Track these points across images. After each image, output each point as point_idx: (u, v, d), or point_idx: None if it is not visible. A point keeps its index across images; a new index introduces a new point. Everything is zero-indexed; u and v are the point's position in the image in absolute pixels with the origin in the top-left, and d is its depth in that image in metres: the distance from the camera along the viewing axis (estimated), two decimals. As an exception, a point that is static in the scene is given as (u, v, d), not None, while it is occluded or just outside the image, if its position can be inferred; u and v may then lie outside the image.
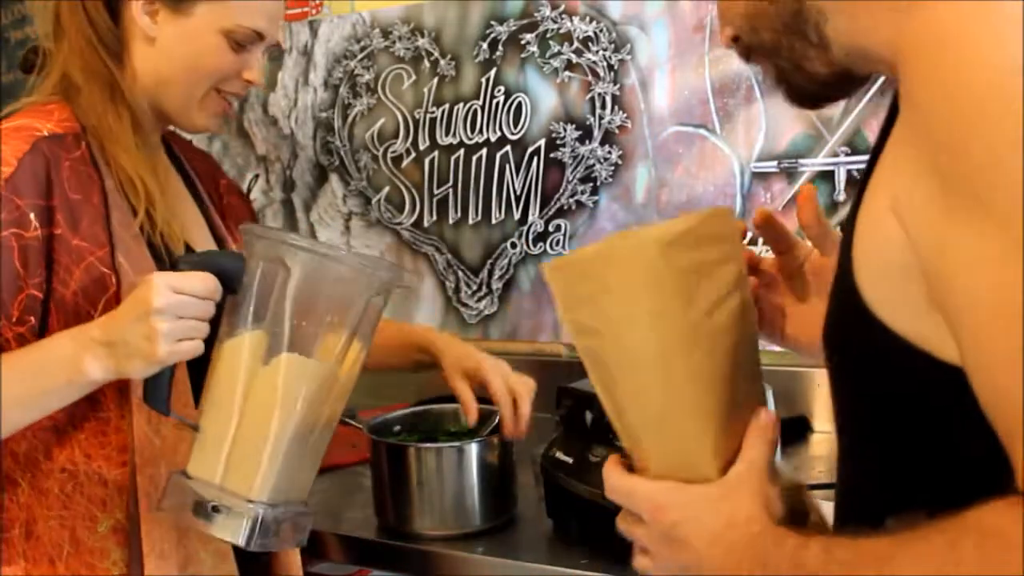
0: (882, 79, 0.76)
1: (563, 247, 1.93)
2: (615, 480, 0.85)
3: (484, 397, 1.61)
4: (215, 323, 1.07)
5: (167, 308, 1.00)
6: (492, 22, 1.95)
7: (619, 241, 0.76)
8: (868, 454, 0.74)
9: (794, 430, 1.67)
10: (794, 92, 0.81)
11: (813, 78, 0.78)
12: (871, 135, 1.66)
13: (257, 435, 1.05)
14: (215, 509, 1.04)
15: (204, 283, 1.03)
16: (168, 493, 1.08)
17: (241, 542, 1.03)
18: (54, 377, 1.05)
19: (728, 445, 0.77)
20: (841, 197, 1.69)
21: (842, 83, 0.78)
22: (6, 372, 1.04)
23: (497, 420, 1.46)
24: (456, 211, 2.03)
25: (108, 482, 1.13)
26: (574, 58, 1.88)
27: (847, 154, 1.68)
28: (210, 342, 1.07)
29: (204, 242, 1.30)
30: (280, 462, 1.06)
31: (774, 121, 1.72)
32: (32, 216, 1.09)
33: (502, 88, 1.95)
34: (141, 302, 1.01)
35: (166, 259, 1.17)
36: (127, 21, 1.19)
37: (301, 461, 1.09)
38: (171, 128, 1.33)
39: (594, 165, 1.89)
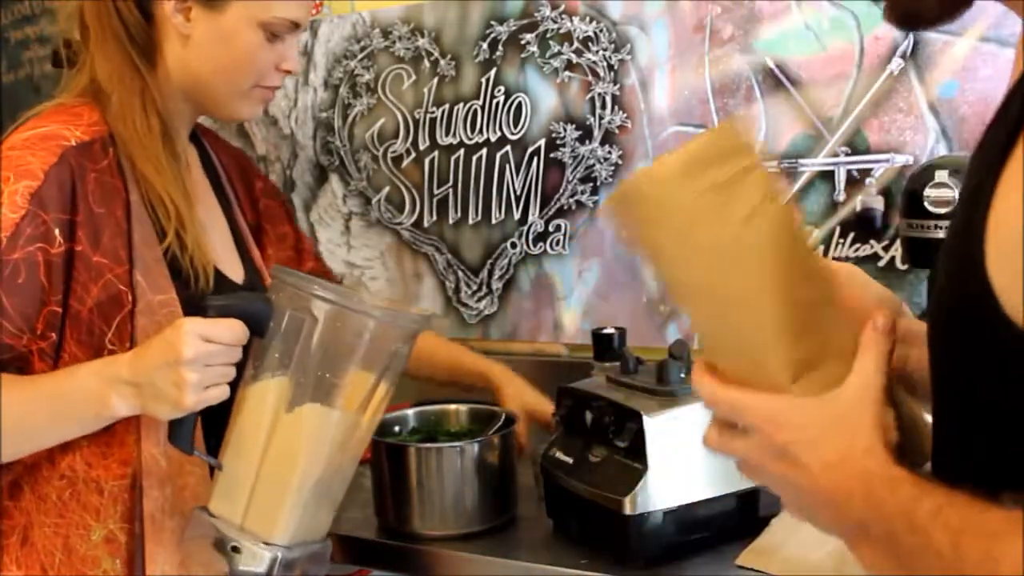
0: (886, 74, 0.75)
1: (563, 247, 1.93)
2: (716, 390, 0.79)
3: (484, 399, 1.61)
4: (241, 364, 1.08)
5: (197, 358, 1.01)
6: (492, 22, 1.95)
7: (642, 178, 0.74)
8: (975, 447, 0.71)
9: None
10: (901, 9, 0.78)
11: None
12: (871, 135, 1.66)
13: (279, 481, 1.07)
14: (235, 549, 1.06)
15: (233, 331, 1.04)
16: (191, 526, 1.10)
17: None
18: (80, 411, 1.06)
19: (807, 352, 0.74)
20: (841, 197, 1.69)
21: (957, 3, 0.76)
22: (31, 399, 1.05)
23: (501, 421, 1.46)
24: (456, 211, 2.03)
25: (104, 491, 1.13)
26: (574, 58, 1.88)
27: (847, 154, 1.68)
28: (235, 381, 1.08)
29: (229, 256, 1.28)
30: (301, 508, 1.09)
31: (774, 121, 1.72)
32: (57, 232, 1.08)
33: (502, 88, 1.95)
34: (171, 349, 1.02)
35: (192, 284, 1.16)
36: (159, 20, 1.17)
37: (321, 503, 1.12)
38: (200, 121, 1.33)
39: (594, 165, 1.89)
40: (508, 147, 1.96)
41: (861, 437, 0.72)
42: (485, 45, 1.96)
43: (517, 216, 1.97)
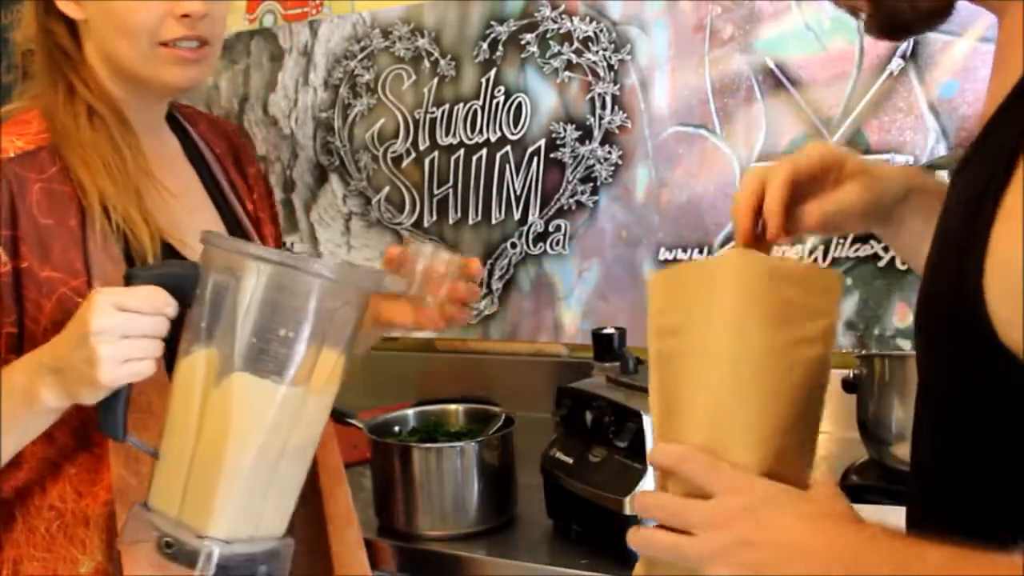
0: (886, 74, 0.75)
1: (563, 247, 1.93)
2: (688, 451, 0.75)
3: (485, 398, 1.61)
4: (176, 340, 0.99)
5: (107, 329, 0.92)
6: (492, 22, 1.95)
7: (735, 252, 0.80)
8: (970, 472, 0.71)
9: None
10: (885, 20, 0.78)
11: (916, 7, 0.75)
12: (871, 135, 1.66)
13: (211, 465, 0.96)
14: (168, 545, 0.95)
15: (150, 299, 0.95)
16: (130, 527, 0.99)
17: None
18: (14, 407, 0.99)
19: (774, 472, 0.75)
20: (841, 197, 1.68)
21: (943, 14, 0.76)
22: None
23: (501, 421, 1.46)
24: (456, 211, 2.03)
25: (90, 522, 1.08)
26: (574, 58, 1.88)
27: (847, 154, 1.67)
28: (172, 359, 1.00)
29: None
30: (237, 494, 0.96)
31: (774, 121, 1.72)
32: (0, 250, 1.04)
33: (502, 88, 1.95)
34: (81, 323, 0.94)
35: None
36: (74, 17, 1.15)
37: (267, 493, 0.98)
38: (188, 107, 1.29)
39: (594, 165, 1.89)
40: (508, 147, 1.96)
41: (838, 504, 0.71)
42: (485, 45, 1.96)
43: (517, 216, 1.97)
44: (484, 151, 1.99)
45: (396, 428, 1.50)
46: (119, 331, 0.93)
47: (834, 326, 0.79)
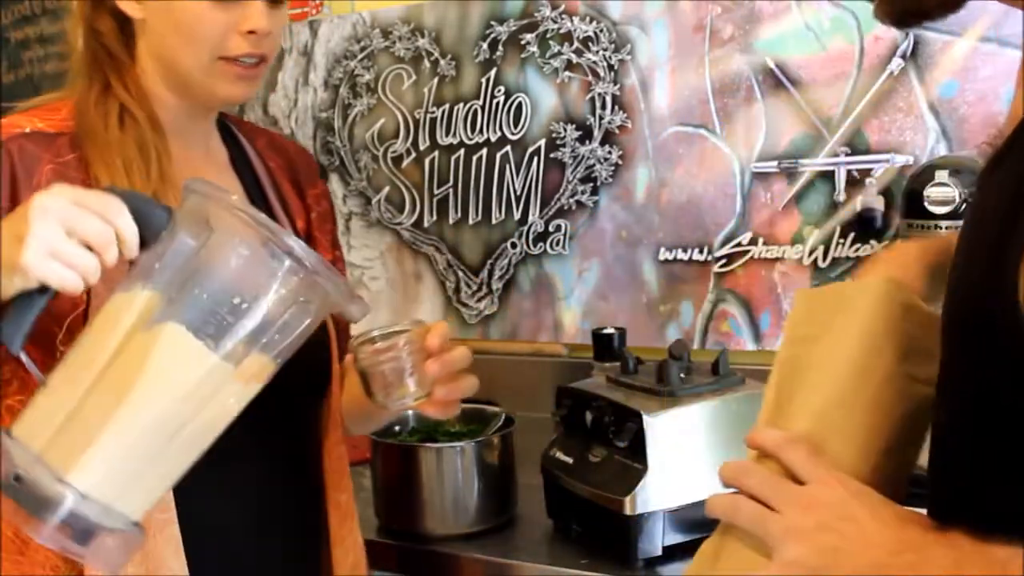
0: (886, 74, 0.74)
1: (563, 247, 1.93)
2: (788, 436, 0.78)
3: (485, 398, 1.61)
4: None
5: (53, 215, 0.83)
6: (492, 22, 1.95)
7: (878, 279, 0.84)
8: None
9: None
10: (896, 6, 0.77)
11: None
12: (871, 135, 1.66)
13: (104, 409, 0.84)
14: (17, 478, 0.82)
15: (108, 205, 0.85)
16: None
17: (33, 529, 0.83)
18: None
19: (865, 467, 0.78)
20: (841, 197, 1.69)
21: (955, 2, 0.75)
22: None
23: (501, 421, 1.46)
24: (456, 211, 2.03)
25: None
26: (574, 58, 1.88)
27: (847, 154, 1.67)
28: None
29: None
30: (117, 451, 0.84)
31: (774, 121, 1.72)
32: None
33: (502, 88, 1.95)
34: (29, 204, 0.84)
35: None
36: (130, 15, 1.10)
37: (146, 464, 0.86)
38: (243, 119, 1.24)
39: (594, 165, 1.89)
40: (508, 147, 1.96)
41: (923, 517, 0.73)
42: (485, 45, 1.96)
43: (517, 216, 1.97)
44: (484, 151, 1.99)
45: (396, 428, 1.50)
46: (64, 223, 0.84)
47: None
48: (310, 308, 0.91)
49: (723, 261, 1.79)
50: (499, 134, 1.97)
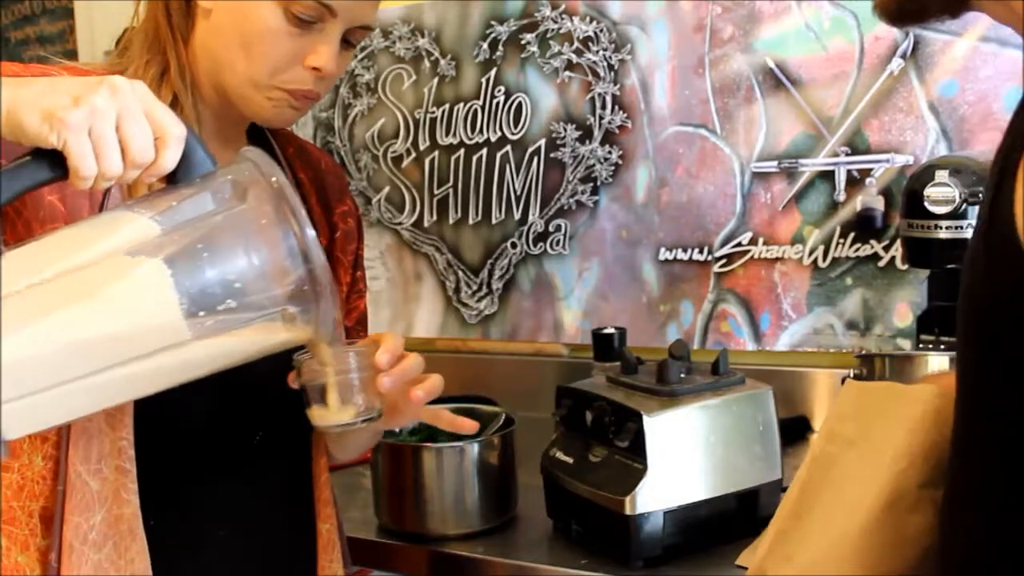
0: (886, 74, 0.74)
1: (563, 247, 1.93)
2: None
3: (485, 398, 1.61)
4: None
5: (121, 100, 0.79)
6: (492, 22, 1.95)
7: (932, 389, 0.80)
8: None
9: (794, 430, 1.67)
10: (896, 3, 0.75)
11: None
12: (871, 135, 1.66)
13: (46, 302, 0.78)
14: None
15: (171, 130, 0.81)
16: None
17: None
18: None
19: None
20: (841, 197, 1.69)
21: (957, 3, 0.73)
22: None
23: (501, 421, 1.46)
24: (456, 211, 2.03)
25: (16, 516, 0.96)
26: (574, 58, 1.88)
27: (847, 154, 1.68)
28: None
29: None
30: (38, 350, 0.77)
31: (774, 121, 1.72)
32: None
33: (502, 88, 1.95)
34: (101, 76, 0.80)
35: None
36: None
37: (58, 384, 0.79)
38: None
39: (594, 165, 1.89)
40: (508, 147, 1.96)
41: None
42: (485, 45, 1.96)
43: (517, 216, 1.97)
44: (484, 151, 1.99)
45: (396, 428, 1.49)
46: (122, 116, 0.79)
47: None
48: (292, 324, 0.85)
49: (723, 261, 1.79)
50: (499, 134, 1.97)
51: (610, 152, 1.87)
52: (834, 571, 0.76)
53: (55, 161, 0.79)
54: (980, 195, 1.32)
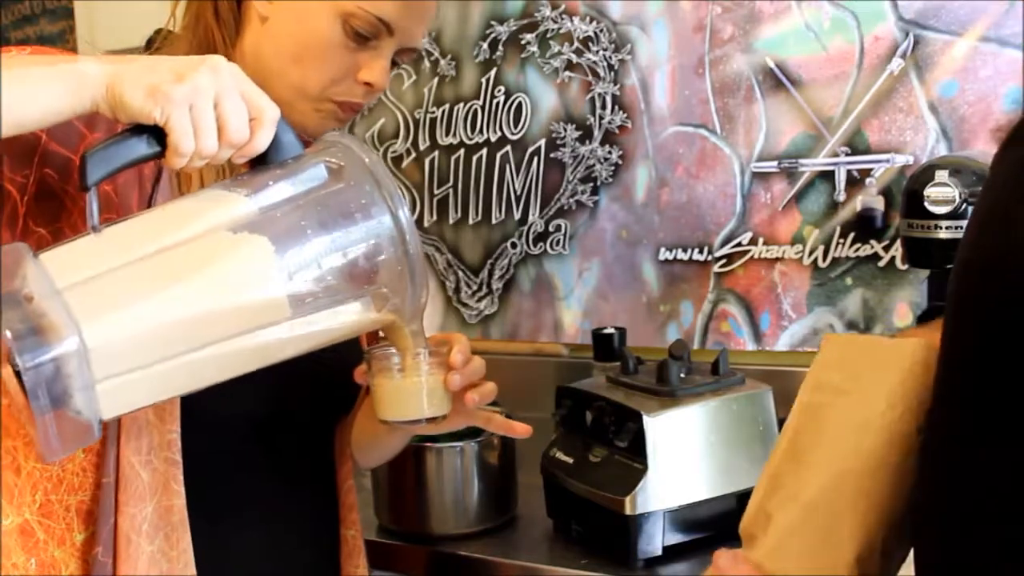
0: (886, 74, 0.74)
1: (563, 247, 1.93)
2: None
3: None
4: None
5: (222, 79, 0.79)
6: (492, 22, 1.95)
7: (920, 342, 0.82)
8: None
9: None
10: None
11: None
12: (871, 135, 1.66)
13: (151, 280, 0.78)
14: (28, 298, 0.73)
15: (268, 113, 0.82)
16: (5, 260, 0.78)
17: (22, 359, 0.72)
18: (50, 64, 0.81)
19: (868, 547, 0.78)
20: (841, 197, 1.69)
21: None
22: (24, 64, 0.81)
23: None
24: (456, 211, 2.03)
25: (23, 471, 0.95)
26: (574, 58, 1.88)
27: (847, 154, 1.68)
28: None
29: None
30: (145, 327, 0.77)
31: (774, 121, 1.72)
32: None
33: (502, 88, 1.95)
34: (201, 56, 0.81)
35: None
36: (247, 1, 1.03)
37: (163, 361, 0.78)
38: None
39: (594, 165, 1.89)
40: (508, 147, 1.96)
41: None
42: (485, 45, 1.96)
43: (517, 216, 1.97)
44: (484, 151, 1.99)
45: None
46: (221, 96, 0.79)
47: None
48: (382, 305, 0.87)
49: (723, 261, 1.79)
50: (499, 134, 1.97)
51: (610, 152, 1.87)
52: (843, 510, 0.77)
53: (153, 137, 0.79)
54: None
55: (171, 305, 0.78)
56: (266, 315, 0.81)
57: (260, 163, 0.84)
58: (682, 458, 1.26)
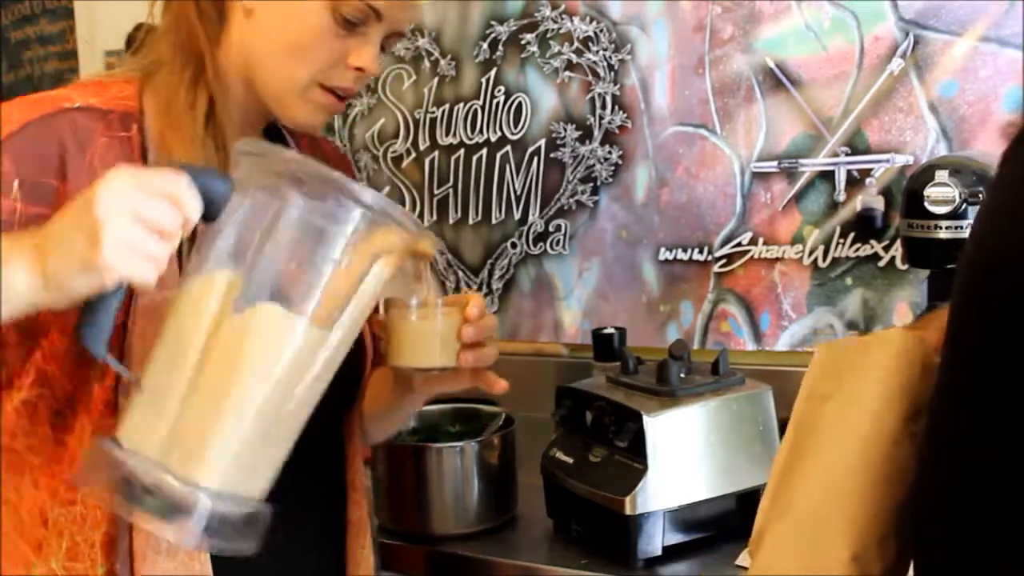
0: (886, 74, 0.74)
1: (563, 247, 1.93)
2: None
3: (485, 398, 1.61)
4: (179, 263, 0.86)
5: (120, 205, 0.77)
6: (492, 22, 1.95)
7: (898, 333, 0.82)
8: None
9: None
10: None
11: None
12: (871, 135, 1.66)
13: (214, 402, 0.82)
14: (148, 491, 0.79)
15: (175, 185, 0.79)
16: (88, 462, 0.85)
17: (187, 541, 0.82)
18: None
19: (863, 544, 0.78)
20: (841, 197, 1.69)
21: None
22: None
23: (501, 421, 1.46)
24: (456, 211, 2.03)
25: (48, 521, 0.97)
26: (574, 58, 1.88)
27: (847, 154, 1.68)
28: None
29: None
30: (240, 440, 0.83)
31: (774, 121, 1.72)
32: (15, 186, 0.91)
33: (502, 88, 1.95)
34: (89, 195, 0.77)
35: None
36: None
37: (266, 442, 0.86)
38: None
39: (594, 165, 1.89)
40: (508, 147, 1.96)
41: None
42: (485, 45, 1.96)
43: (517, 216, 1.97)
44: (484, 151, 1.99)
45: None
46: (132, 212, 0.77)
47: None
48: (389, 255, 0.90)
49: (723, 261, 1.79)
50: (499, 134, 1.97)
51: (610, 152, 1.87)
52: (829, 514, 0.78)
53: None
54: (980, 194, 1.32)
55: (241, 411, 0.83)
56: (311, 352, 0.86)
57: (208, 219, 0.84)
58: (682, 458, 1.26)
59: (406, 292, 1.03)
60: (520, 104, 1.94)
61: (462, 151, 2.01)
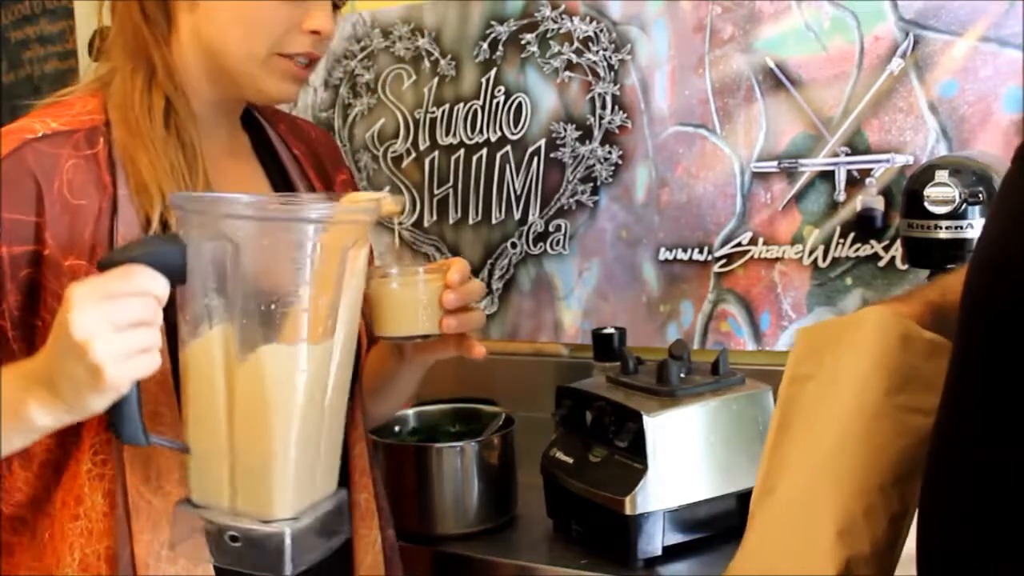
0: (886, 74, 0.74)
1: (563, 247, 1.93)
2: None
3: (485, 398, 1.61)
4: (173, 327, 0.90)
5: (95, 325, 0.80)
6: (492, 22, 1.95)
7: (876, 309, 0.82)
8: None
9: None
10: None
11: None
12: (871, 135, 1.66)
13: (257, 446, 0.88)
14: (234, 539, 0.88)
15: (132, 279, 0.82)
16: (177, 527, 0.93)
17: (287, 569, 0.88)
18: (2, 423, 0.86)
19: (849, 520, 0.78)
20: (841, 197, 1.69)
21: None
22: None
23: (501, 421, 1.46)
24: (456, 211, 2.03)
25: (58, 536, 1.00)
26: (574, 58, 1.88)
27: (847, 154, 1.67)
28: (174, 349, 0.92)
29: None
30: (293, 470, 0.89)
31: (774, 121, 1.72)
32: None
33: (502, 88, 1.95)
34: (63, 327, 0.81)
35: None
36: None
37: (318, 453, 0.92)
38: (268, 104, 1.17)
39: (594, 165, 1.89)
40: (508, 147, 1.96)
41: None
42: (485, 45, 1.96)
43: (517, 216, 1.97)
44: (484, 151, 1.99)
45: (396, 428, 1.50)
46: (109, 324, 0.80)
47: None
48: (362, 245, 0.93)
49: (723, 261, 1.79)
50: (499, 134, 1.97)
51: (610, 152, 1.87)
52: (814, 491, 0.78)
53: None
54: (980, 195, 1.32)
55: (284, 444, 0.88)
56: (322, 369, 0.90)
57: (177, 282, 0.87)
58: (682, 458, 1.26)
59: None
60: (520, 104, 1.94)
61: (462, 151, 2.01)
